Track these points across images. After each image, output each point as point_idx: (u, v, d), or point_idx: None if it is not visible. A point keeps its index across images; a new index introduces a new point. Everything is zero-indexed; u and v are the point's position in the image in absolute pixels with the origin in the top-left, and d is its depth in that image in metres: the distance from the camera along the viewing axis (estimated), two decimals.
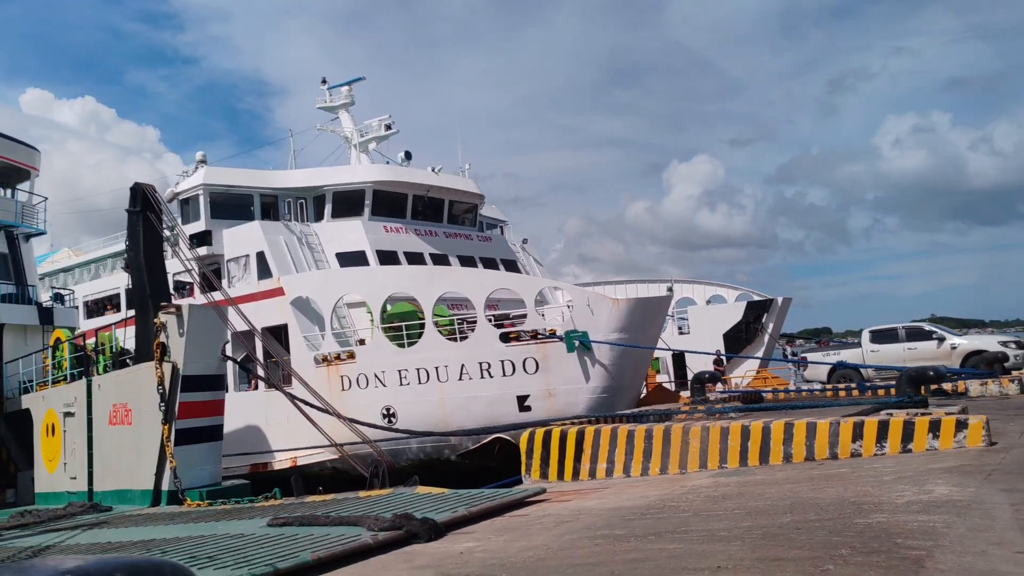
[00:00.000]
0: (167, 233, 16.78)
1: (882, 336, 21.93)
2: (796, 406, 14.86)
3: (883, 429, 10.11)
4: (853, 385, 19.12)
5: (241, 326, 18.40)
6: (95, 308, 35.02)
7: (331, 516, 9.30)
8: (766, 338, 28.95)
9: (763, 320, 29.24)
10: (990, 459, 8.60)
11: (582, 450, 12.41)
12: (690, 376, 29.89)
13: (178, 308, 15.45)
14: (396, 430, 18.68)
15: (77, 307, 28.79)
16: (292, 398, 15.72)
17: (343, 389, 25.54)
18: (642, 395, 24.72)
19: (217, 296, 16.55)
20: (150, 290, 15.74)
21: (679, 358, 30.79)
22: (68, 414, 17.98)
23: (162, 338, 15.32)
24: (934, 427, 9.81)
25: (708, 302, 31.65)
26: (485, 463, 23.87)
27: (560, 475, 12.54)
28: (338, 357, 25.78)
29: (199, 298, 29.69)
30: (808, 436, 10.58)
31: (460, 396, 23.80)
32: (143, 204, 15.82)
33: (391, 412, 25.02)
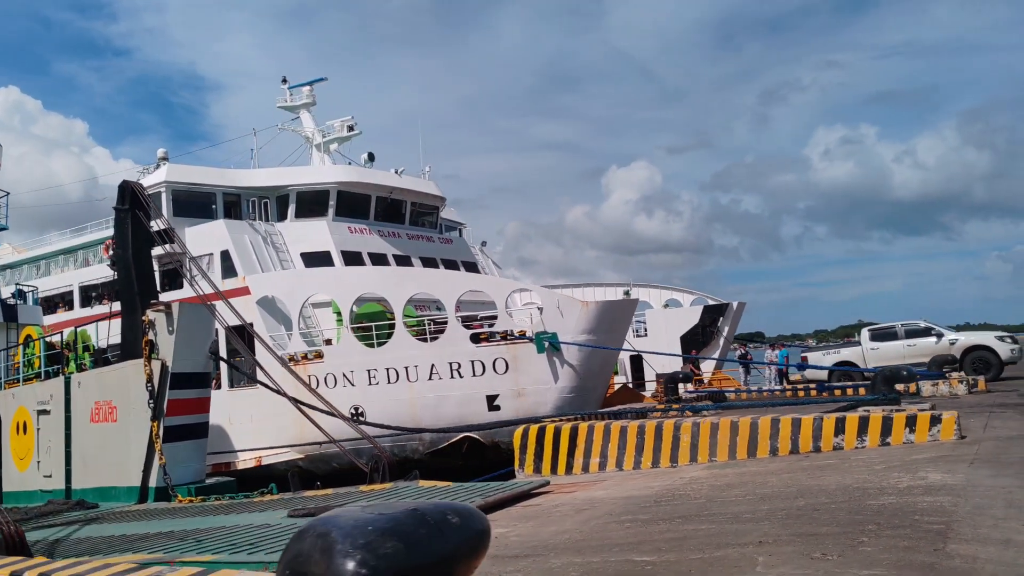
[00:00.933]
0: (157, 228, 16.79)
1: (881, 334, 22.47)
2: (770, 404, 15.71)
3: (863, 424, 10.93)
4: (812, 385, 20.15)
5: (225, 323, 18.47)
6: (46, 305, 34.26)
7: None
8: (721, 341, 30.02)
9: (719, 323, 30.33)
10: (966, 450, 9.45)
11: (576, 445, 12.97)
12: (648, 378, 30.83)
13: (168, 306, 15.51)
14: (402, 429, 18.91)
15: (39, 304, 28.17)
16: (296, 402, 15.90)
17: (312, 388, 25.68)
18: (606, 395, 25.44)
19: (209, 291, 16.63)
20: (138, 287, 15.76)
21: (637, 360, 31.66)
22: (43, 412, 17.79)
23: (151, 335, 15.36)
24: (911, 422, 10.67)
25: (665, 305, 32.62)
26: (451, 462, 24.33)
27: (554, 470, 13.06)
28: (305, 357, 25.90)
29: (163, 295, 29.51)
30: (793, 431, 11.35)
31: (430, 395, 24.17)
32: (131, 202, 15.84)
33: (359, 411, 25.25)
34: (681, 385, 20.15)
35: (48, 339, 19.62)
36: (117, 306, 31.07)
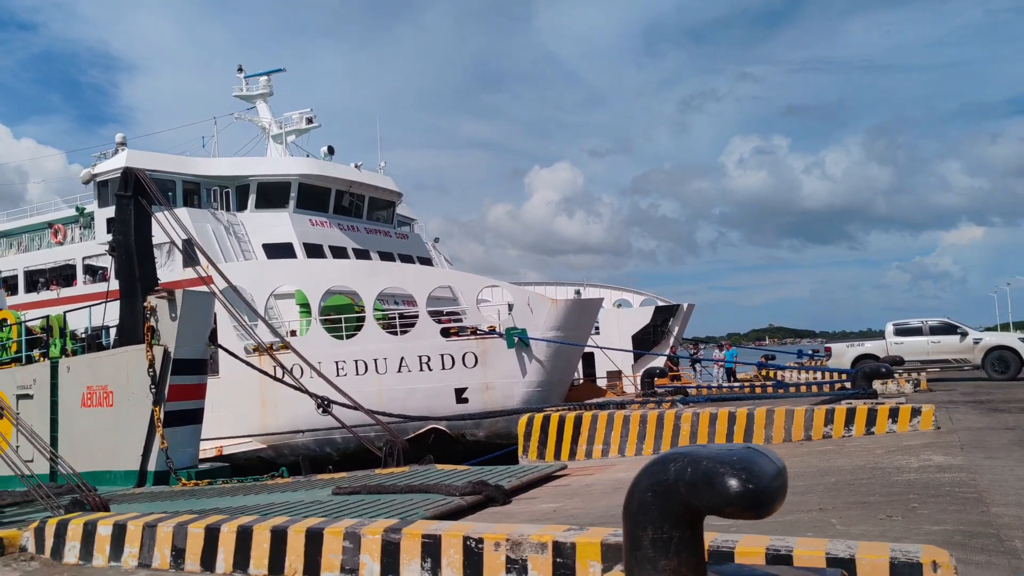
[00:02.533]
0: (159, 214, 16.89)
1: (906, 330, 22.69)
2: (753, 398, 16.92)
3: (851, 415, 12.15)
4: (769, 383, 21.53)
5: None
6: None
7: (399, 485, 10.29)
8: (671, 340, 31.44)
9: (669, 323, 31.73)
10: (949, 438, 10.72)
11: (579, 433, 13.84)
12: (599, 374, 32.02)
13: (171, 293, 15.68)
14: (409, 417, 19.35)
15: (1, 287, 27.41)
16: (321, 401, 16.27)
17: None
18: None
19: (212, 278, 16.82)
20: (140, 274, 15.87)
21: (588, 357, 32.78)
22: (24, 396, 17.63)
23: (152, 321, 15.51)
24: (893, 414, 11.93)
25: (618, 305, 33.86)
26: (417, 453, 24.92)
27: (557, 456, 13.89)
28: (271, 347, 26.00)
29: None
30: (787, 420, 12.49)
31: (398, 388, 24.68)
32: (135, 189, 15.93)
33: (326, 403, 25.55)
34: (660, 379, 21.19)
35: (27, 324, 19.35)
36: (72, 291, 30.45)
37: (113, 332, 19.71)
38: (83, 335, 20.09)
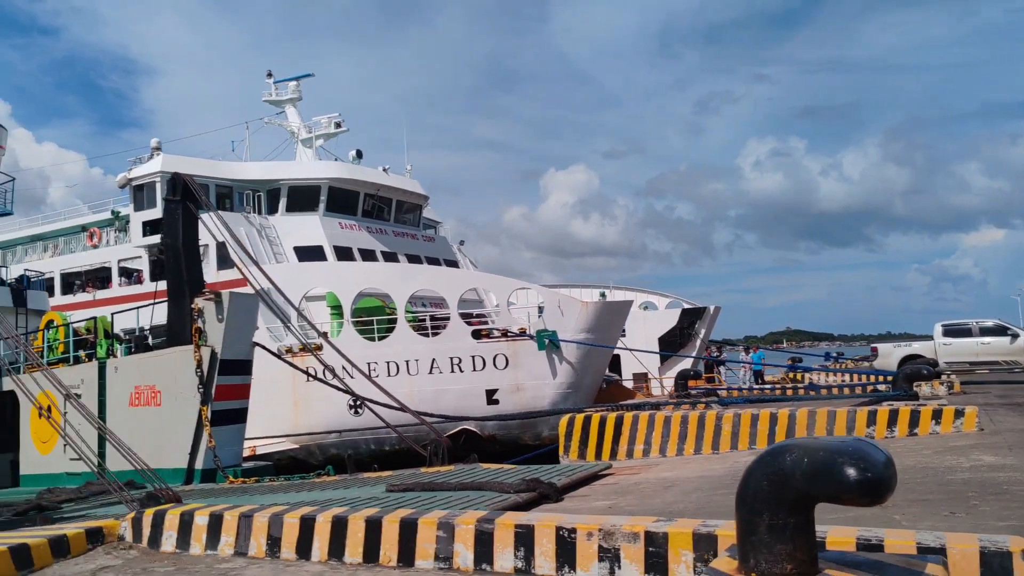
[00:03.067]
0: (206, 217, 17.25)
1: (955, 331, 22.40)
2: (793, 400, 17.06)
3: (893, 416, 12.29)
4: (800, 385, 21.64)
5: None
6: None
7: (451, 482, 10.54)
8: (698, 342, 31.56)
9: (695, 326, 31.87)
10: (994, 439, 10.84)
11: (620, 433, 14.04)
12: (625, 376, 32.17)
13: (217, 295, 16.03)
14: (449, 417, 19.62)
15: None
16: (355, 401, 16.58)
17: (308, 380, 26.18)
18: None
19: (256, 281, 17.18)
20: (187, 276, 16.23)
21: (614, 359, 32.95)
22: (72, 396, 18.02)
23: (199, 323, 15.87)
24: (936, 415, 12.07)
25: (644, 308, 34.02)
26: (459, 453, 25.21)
27: (597, 456, 14.11)
28: (303, 348, 26.35)
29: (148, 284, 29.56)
30: (829, 421, 12.63)
31: (430, 389, 24.96)
32: (183, 194, 16.30)
33: (358, 404, 25.90)
34: (694, 381, 21.32)
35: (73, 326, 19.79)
36: (108, 293, 30.96)
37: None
38: (126, 336, 20.49)
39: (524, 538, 5.16)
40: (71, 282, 32.57)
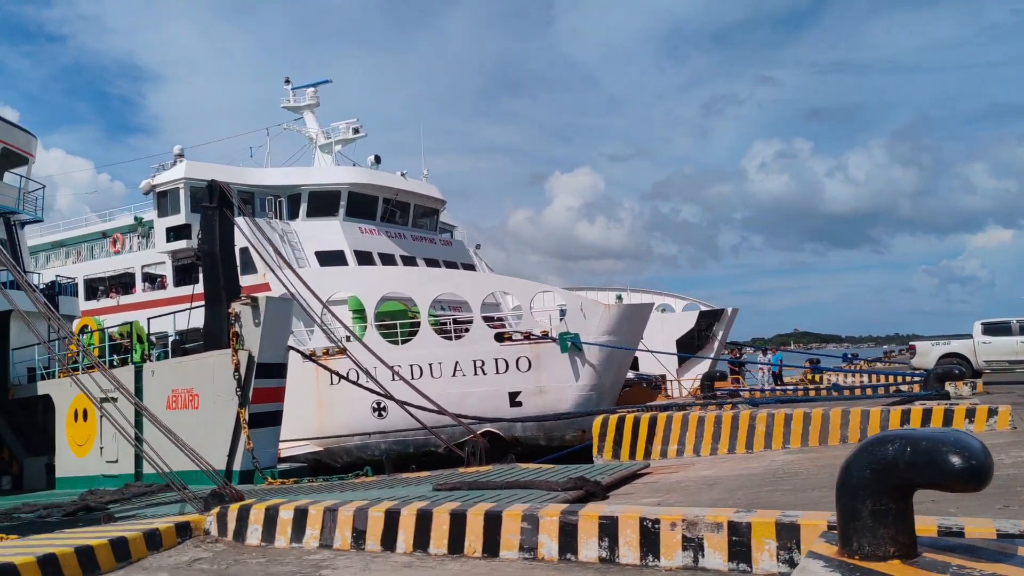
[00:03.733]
0: (241, 224, 17.52)
1: (995, 328, 22.05)
2: (821, 401, 17.27)
3: (927, 416, 12.50)
4: (822, 386, 21.81)
5: None
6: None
7: (497, 481, 10.79)
8: (716, 344, 31.76)
9: (713, 328, 32.07)
10: None
11: (654, 433, 14.28)
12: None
13: (254, 299, 16.31)
14: (481, 418, 19.91)
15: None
16: (378, 404, 16.83)
17: (331, 383, 26.45)
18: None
19: (292, 286, 17.48)
20: (224, 281, 16.51)
21: (632, 362, 33.15)
22: (108, 399, 18.33)
23: (236, 327, 16.15)
24: (970, 414, 12.27)
25: (661, 310, 34.22)
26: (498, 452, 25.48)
27: (631, 456, 14.34)
28: (326, 352, 26.64)
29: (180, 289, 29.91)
30: (863, 420, 12.84)
31: (453, 392, 25.18)
32: (220, 200, 16.59)
33: (381, 406, 26.18)
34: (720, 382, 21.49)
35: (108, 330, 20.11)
36: (131, 298, 31.29)
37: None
38: (157, 339, 20.77)
39: (608, 529, 5.41)
40: (95, 288, 32.93)
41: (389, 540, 6.09)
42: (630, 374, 32.58)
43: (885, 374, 22.14)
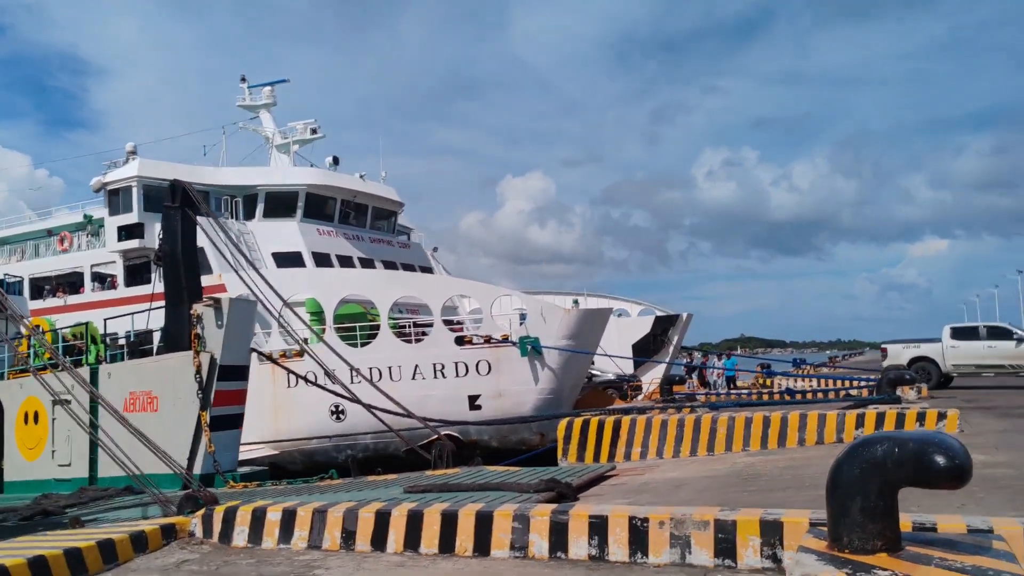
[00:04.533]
0: (202, 223, 17.32)
1: (962, 333, 22.28)
2: (778, 404, 17.73)
3: (880, 419, 12.97)
4: (775, 391, 22.36)
5: None
6: None
7: (468, 483, 10.91)
8: (671, 349, 32.26)
9: (668, 333, 32.58)
10: (978, 440, 11.56)
11: (618, 436, 14.53)
12: (595, 381, 32.73)
13: (217, 301, 16.15)
14: (446, 421, 19.90)
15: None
16: (369, 407, 16.76)
17: (288, 386, 26.24)
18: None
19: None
20: (186, 282, 16.32)
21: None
22: (61, 401, 17.97)
23: (198, 329, 15.98)
24: (921, 418, 12.77)
25: (619, 315, 34.60)
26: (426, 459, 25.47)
27: (596, 458, 14.58)
28: (284, 354, 26.40)
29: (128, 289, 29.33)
30: (820, 424, 13.28)
31: (413, 395, 25.16)
32: (182, 200, 16.39)
33: (339, 409, 26.05)
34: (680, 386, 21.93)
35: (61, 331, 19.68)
36: (80, 298, 30.58)
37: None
38: (110, 340, 20.39)
39: (598, 527, 5.59)
40: (40, 287, 32.10)
41: (379, 540, 6.19)
42: (610, 375, 33.01)
43: (838, 379, 22.80)
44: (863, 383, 20.02)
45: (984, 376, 22.63)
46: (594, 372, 31.52)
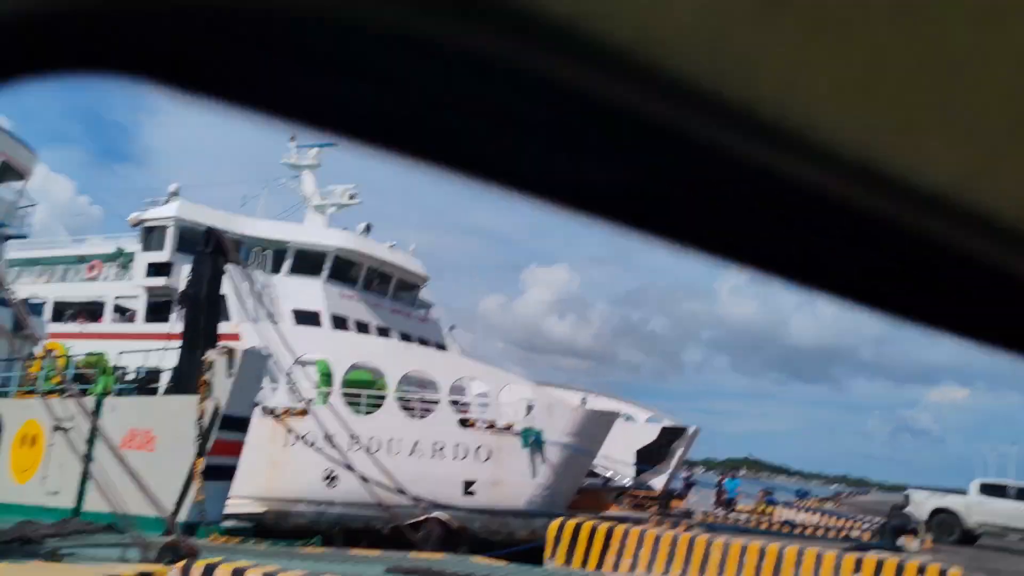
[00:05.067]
0: (232, 272, 17.59)
1: (992, 489, 21.15)
2: (775, 535, 17.37)
3: (879, 567, 12.66)
4: (776, 521, 21.89)
5: None
6: None
7: (451, 574, 10.72)
8: (673, 461, 31.73)
9: (672, 444, 32.10)
10: None
11: (609, 545, 14.25)
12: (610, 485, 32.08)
13: (231, 351, 16.27)
14: (438, 505, 19.63)
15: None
16: (364, 478, 16.62)
17: (285, 444, 26.02)
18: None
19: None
20: (205, 328, 16.50)
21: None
22: (61, 428, 17.97)
23: (208, 376, 16.05)
24: (921, 571, 12.46)
25: (626, 419, 34.19)
26: (412, 540, 24.93)
27: (584, 564, 14.27)
28: (287, 411, 26.29)
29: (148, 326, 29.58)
30: (816, 563, 12.98)
31: (408, 471, 24.86)
32: (215, 247, 16.72)
33: (332, 475, 25.74)
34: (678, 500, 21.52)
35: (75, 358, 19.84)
36: (98, 328, 30.89)
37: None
38: (122, 375, 20.49)
39: None
40: (61, 311, 32.46)
41: None
42: (627, 480, 32.14)
43: (840, 516, 22.26)
44: (866, 525, 19.54)
45: (1009, 539, 21.46)
46: (608, 475, 30.89)
